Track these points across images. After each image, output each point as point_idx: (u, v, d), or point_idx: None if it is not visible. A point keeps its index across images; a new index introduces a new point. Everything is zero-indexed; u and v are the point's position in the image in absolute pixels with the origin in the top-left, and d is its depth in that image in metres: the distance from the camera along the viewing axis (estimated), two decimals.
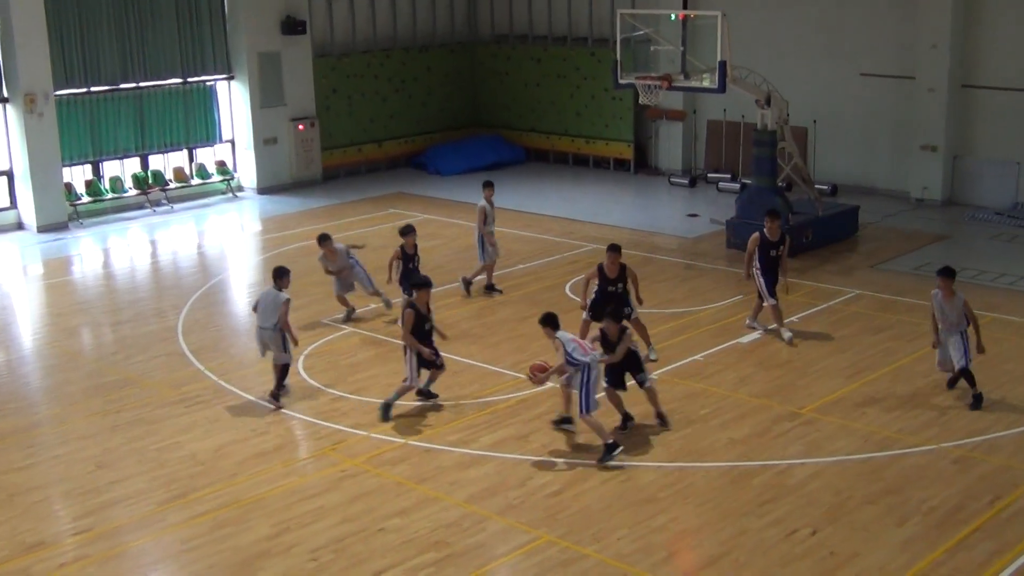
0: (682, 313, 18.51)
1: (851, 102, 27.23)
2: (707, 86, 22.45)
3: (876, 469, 12.76)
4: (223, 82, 29.39)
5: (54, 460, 13.56)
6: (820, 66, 27.59)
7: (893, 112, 26.62)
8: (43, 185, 25.63)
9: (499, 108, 34.02)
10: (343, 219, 26.17)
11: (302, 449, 13.84)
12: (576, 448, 13.36)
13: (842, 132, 27.45)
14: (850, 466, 12.85)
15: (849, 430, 13.78)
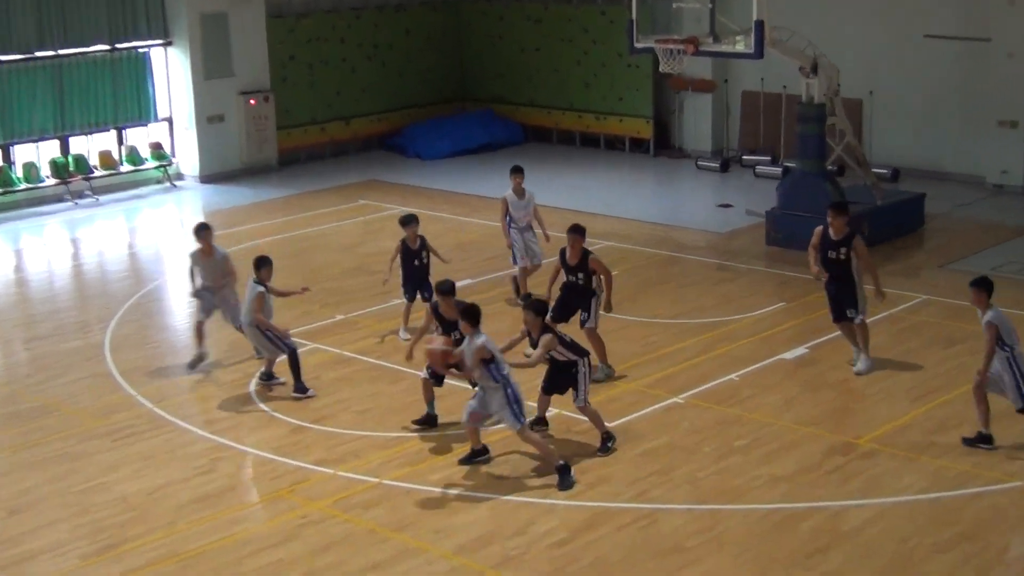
0: (714, 324, 18.49)
1: (914, 70, 27.23)
2: (741, 51, 22.42)
3: (948, 511, 12.71)
4: (159, 49, 29.36)
5: None
6: (877, 27, 27.59)
7: (965, 82, 26.63)
8: None
9: (491, 79, 34.01)
10: (304, 212, 26.15)
11: (255, 491, 13.76)
12: (589, 486, 13.32)
13: (904, 106, 27.45)
14: (917, 507, 12.80)
15: (916, 464, 13.74)
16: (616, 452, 14.08)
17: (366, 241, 23.79)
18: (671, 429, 14.73)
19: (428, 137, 31.94)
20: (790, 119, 27.13)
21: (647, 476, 13.56)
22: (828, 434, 14.57)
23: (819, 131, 22.39)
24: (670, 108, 31.12)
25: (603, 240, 23.15)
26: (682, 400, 15.60)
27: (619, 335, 18.01)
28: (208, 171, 29.61)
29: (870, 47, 27.54)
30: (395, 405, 15.75)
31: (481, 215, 25.23)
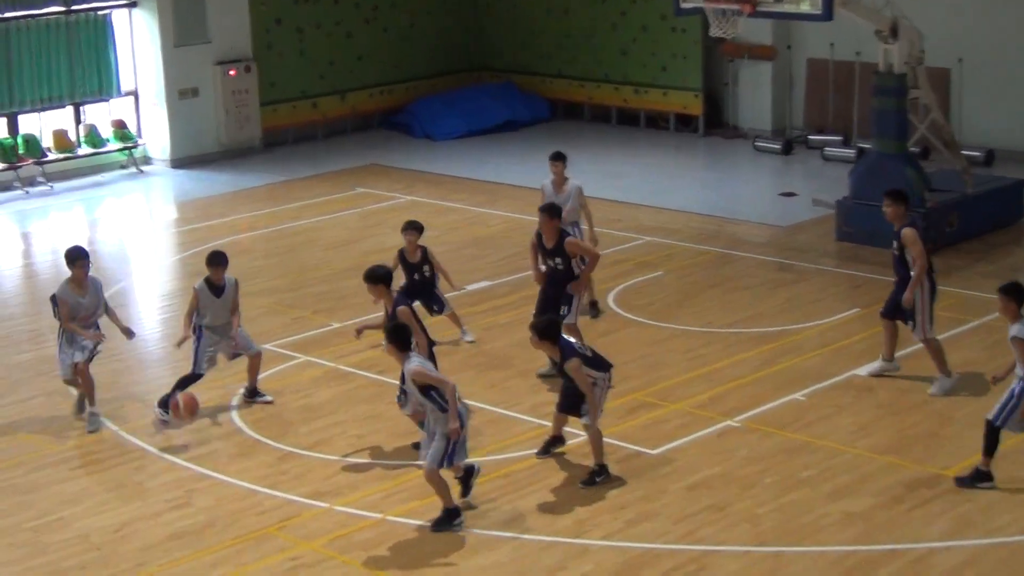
0: (775, 334, 18.49)
1: (1011, 34, 27.17)
2: (806, 11, 22.40)
3: None
4: (122, 11, 29.49)
5: None
6: None
7: None
8: None
9: (512, 45, 34.05)
10: (292, 203, 26.25)
11: (238, 527, 13.80)
12: (629, 523, 13.34)
13: (998, 77, 27.40)
14: (1017, 551, 12.78)
15: (1016, 499, 13.72)
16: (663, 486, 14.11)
17: (365, 237, 23.86)
18: (726, 458, 14.74)
19: (438, 114, 31.98)
20: (864, 92, 27.08)
21: (698, 512, 13.57)
22: (911, 464, 14.56)
23: (899, 106, 22.34)
24: (723, 79, 31.11)
25: (644, 235, 23.18)
26: (738, 424, 15.61)
27: (664, 347, 18.05)
28: (180, 154, 29.71)
29: (960, 6, 27.49)
30: (399, 428, 15.77)
31: (501, 205, 25.29)
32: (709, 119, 31.12)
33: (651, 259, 21.88)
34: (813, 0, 21.94)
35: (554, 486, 14.22)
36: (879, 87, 22.55)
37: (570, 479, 14.35)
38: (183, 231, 25.13)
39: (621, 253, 22.24)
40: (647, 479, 14.26)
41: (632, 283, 20.71)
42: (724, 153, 29.54)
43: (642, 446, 15.03)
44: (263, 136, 30.88)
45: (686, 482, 14.19)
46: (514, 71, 33.91)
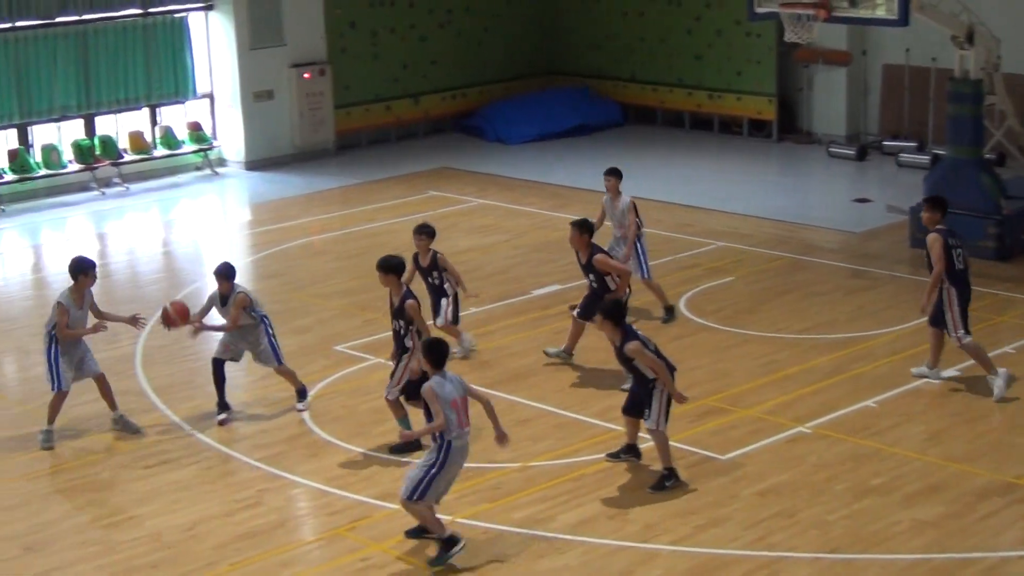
0: (847, 340, 18.40)
1: None
2: (882, 16, 22.29)
3: None
4: (199, 14, 29.73)
5: None
6: None
7: None
8: None
9: (586, 50, 34.05)
10: (364, 205, 26.35)
11: (308, 528, 13.90)
12: (699, 529, 13.32)
13: None
14: None
15: None
16: (733, 491, 14.08)
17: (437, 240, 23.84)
18: (796, 464, 14.69)
19: (511, 118, 32.02)
20: (940, 98, 26.89)
21: (767, 519, 13.53)
22: (983, 473, 14.45)
23: (975, 113, 22.19)
24: (797, 85, 30.98)
25: (716, 240, 23.12)
26: (809, 430, 15.55)
27: (734, 352, 18.00)
28: (255, 156, 29.92)
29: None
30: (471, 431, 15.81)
31: (572, 209, 25.23)
32: (783, 124, 31.00)
33: (722, 264, 21.82)
34: (889, 5, 21.84)
35: (623, 490, 14.21)
36: (955, 93, 22.40)
37: (639, 483, 14.34)
38: (257, 233, 25.29)
39: (692, 258, 22.19)
40: (717, 485, 14.23)
41: (703, 288, 20.65)
42: (797, 159, 29.41)
43: (712, 451, 14.99)
44: (336, 139, 31.04)
45: (756, 488, 14.15)
46: (587, 75, 33.91)
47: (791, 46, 27.54)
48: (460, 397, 12.75)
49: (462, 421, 12.74)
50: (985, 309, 18.82)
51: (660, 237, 23.36)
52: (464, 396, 12.81)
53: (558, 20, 34.48)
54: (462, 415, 12.75)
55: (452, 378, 12.84)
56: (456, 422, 12.69)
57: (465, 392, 12.83)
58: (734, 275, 21.29)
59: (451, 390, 12.71)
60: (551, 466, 14.81)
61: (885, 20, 22.23)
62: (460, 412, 12.73)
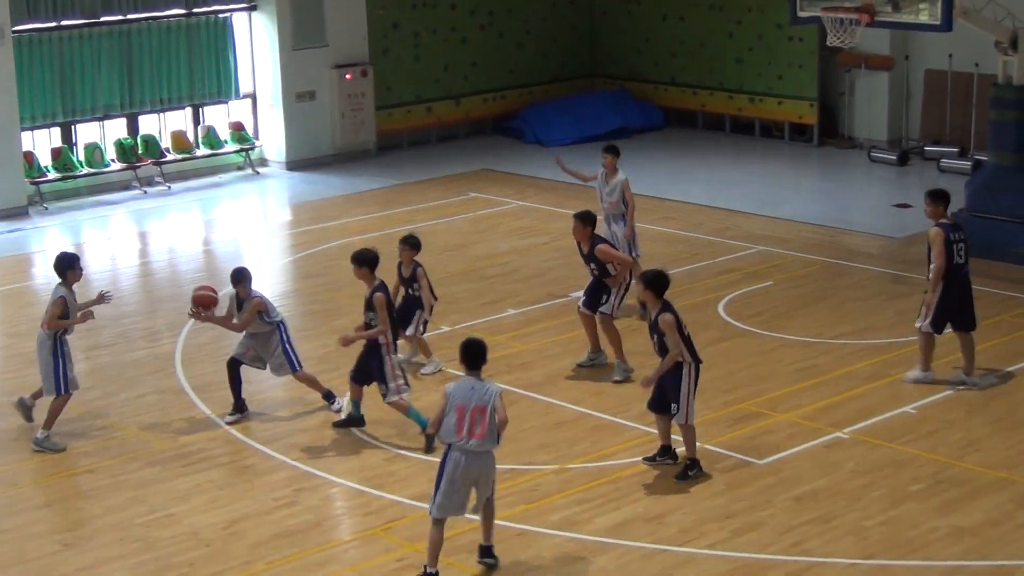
0: (887, 346, 18.34)
1: None
2: (925, 21, 22.22)
3: None
4: (242, 14, 29.84)
5: (3, 535, 13.79)
6: None
7: None
8: None
9: (626, 52, 34.02)
10: (405, 207, 26.39)
11: (344, 527, 13.94)
12: (735, 533, 13.30)
13: None
14: None
15: None
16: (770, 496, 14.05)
17: (476, 241, 23.95)
18: (833, 469, 14.66)
19: (551, 120, 32.01)
20: (982, 104, 26.75)
21: (803, 524, 13.50)
22: (1021, 480, 14.38)
23: (1017, 118, 22.09)
24: (839, 89, 30.88)
25: (756, 245, 23.07)
26: (847, 435, 15.51)
27: (772, 357, 17.96)
28: (296, 156, 30.00)
29: None
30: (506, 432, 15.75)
31: None
32: (824, 129, 30.90)
33: (761, 269, 21.77)
34: (932, 10, 21.78)
35: (659, 494, 14.20)
36: (997, 99, 22.32)
37: (676, 487, 14.33)
38: (296, 233, 25.37)
39: (731, 262, 22.14)
40: (754, 489, 14.21)
41: (742, 292, 20.61)
42: (838, 163, 29.32)
43: (749, 456, 14.97)
44: (377, 140, 31.09)
45: (793, 493, 14.12)
46: (628, 78, 33.89)
47: (833, 50, 27.48)
48: (473, 406, 12.27)
49: (461, 429, 12.27)
50: None
51: (700, 241, 23.35)
52: (481, 407, 12.27)
53: (599, 23, 34.47)
54: (464, 423, 12.28)
55: (477, 386, 12.42)
56: (453, 427, 12.30)
57: (484, 405, 12.30)
58: (773, 279, 21.24)
59: (463, 396, 12.32)
60: (588, 469, 14.81)
61: (928, 25, 22.17)
62: (463, 420, 12.28)
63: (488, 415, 12.27)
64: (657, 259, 21.62)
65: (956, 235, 16.68)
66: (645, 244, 21.87)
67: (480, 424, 12.26)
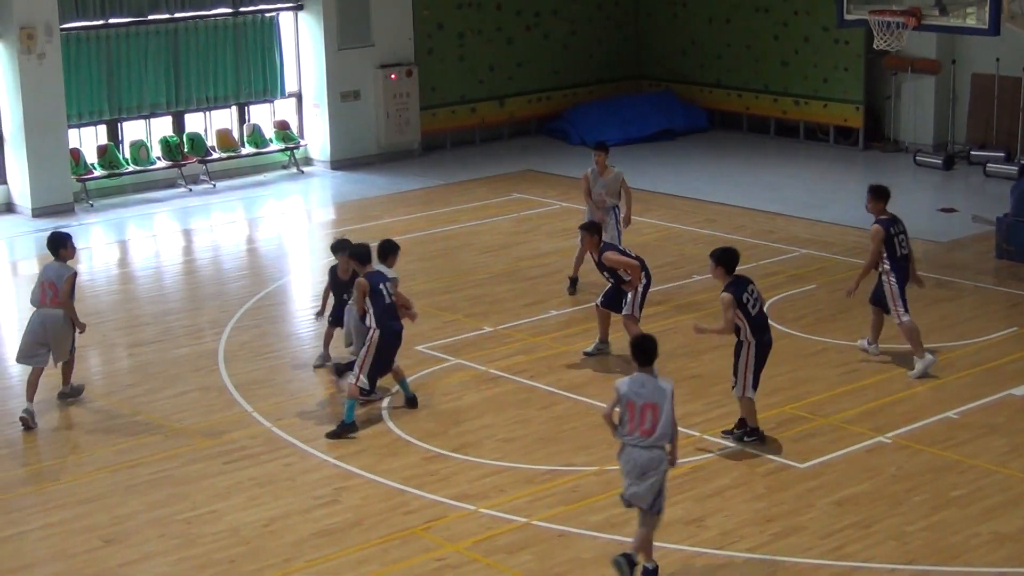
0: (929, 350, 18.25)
1: None
2: (973, 25, 22.12)
3: None
4: (288, 13, 29.94)
5: (45, 531, 13.91)
6: None
7: None
8: (41, 152, 26.40)
9: (671, 54, 33.98)
10: (449, 207, 26.42)
11: (384, 527, 13.94)
12: (775, 536, 13.26)
13: None
14: None
15: None
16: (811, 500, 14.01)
17: (519, 242, 23.96)
18: (875, 474, 14.60)
19: (596, 121, 31.97)
20: None
21: (844, 528, 13.47)
22: None
23: None
24: (885, 93, 30.76)
25: (800, 248, 23.01)
26: (888, 440, 15.46)
27: (815, 360, 17.91)
28: (340, 156, 30.08)
29: None
30: (547, 433, 15.86)
31: (655, 214, 25.22)
32: (869, 132, 30.78)
33: (804, 272, 21.70)
34: (980, 14, 21.69)
35: (700, 497, 14.18)
36: None
37: (716, 490, 14.31)
38: (340, 232, 25.39)
39: (775, 265, 22.08)
40: (795, 493, 14.17)
41: (785, 295, 20.56)
42: (884, 167, 29.19)
43: (791, 459, 14.93)
44: (422, 140, 31.14)
45: (834, 497, 14.08)
46: (673, 80, 33.84)
47: (879, 54, 27.37)
48: (643, 403, 12.18)
49: (632, 424, 12.20)
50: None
51: (743, 244, 23.24)
52: (652, 404, 12.15)
53: (644, 24, 34.43)
54: (635, 419, 12.19)
55: (648, 383, 12.30)
56: (627, 421, 12.23)
57: (656, 402, 12.16)
58: (816, 283, 21.18)
59: (634, 392, 12.21)
60: None
61: (975, 29, 22.09)
62: (633, 416, 12.19)
63: (660, 412, 12.18)
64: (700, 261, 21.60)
65: (895, 228, 17.49)
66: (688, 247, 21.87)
67: (651, 420, 12.17)
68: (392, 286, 16.29)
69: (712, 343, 17.82)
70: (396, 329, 16.14)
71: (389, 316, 15.99)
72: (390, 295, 16.06)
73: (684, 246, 22.69)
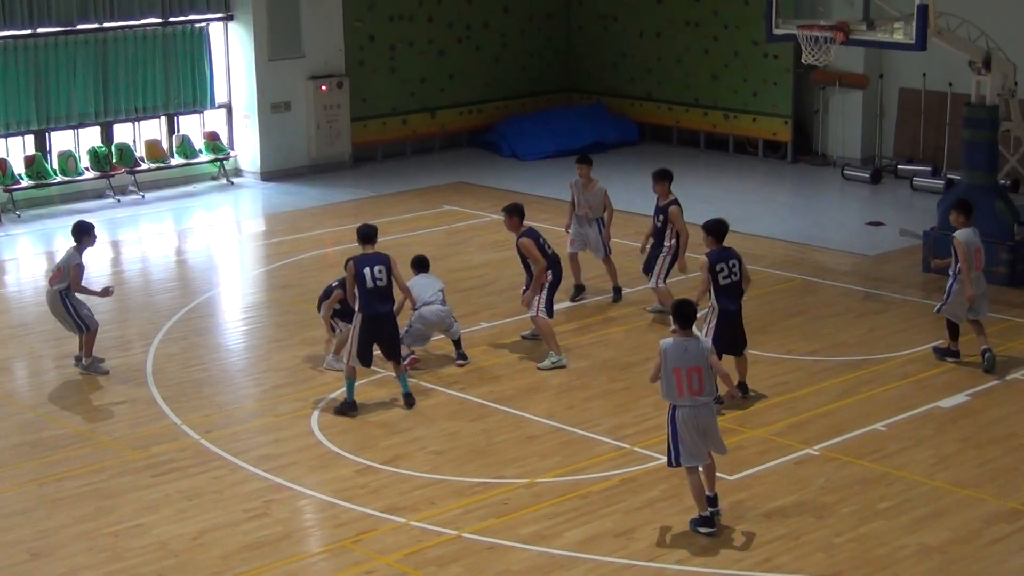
0: (858, 363, 18.38)
1: None
2: (900, 40, 22.29)
3: None
4: (218, 23, 29.80)
5: None
6: None
7: None
8: None
9: (602, 67, 34.09)
10: (380, 218, 26.28)
11: (314, 539, 13.90)
12: (703, 550, 13.29)
13: None
14: None
15: None
16: (739, 512, 14.06)
17: (451, 254, 23.93)
18: (803, 486, 14.67)
19: (527, 134, 32.05)
20: (956, 123, 26.86)
21: (773, 540, 13.51)
22: (991, 499, 14.41)
23: (990, 138, 22.15)
24: (813, 107, 30.97)
25: None
26: (817, 452, 15.53)
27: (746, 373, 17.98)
28: (270, 167, 29.97)
29: None
30: (478, 445, 15.85)
31: None
32: (798, 146, 30.99)
33: None
34: (907, 30, 21.85)
35: (630, 509, 14.20)
36: (970, 118, 22.38)
37: (646, 502, 14.33)
38: (270, 243, 25.32)
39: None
40: (724, 505, 14.15)
41: None
42: (812, 180, 29.40)
43: (719, 471, 14.91)
44: (353, 151, 31.08)
45: (763, 509, 14.13)
46: (604, 93, 33.95)
47: (808, 68, 27.55)
48: (689, 366, 13.29)
49: (682, 389, 13.31)
50: (998, 335, 18.79)
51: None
52: (696, 367, 13.30)
53: (576, 38, 34.54)
54: (683, 384, 13.30)
55: (690, 347, 13.41)
56: (675, 388, 13.35)
57: (699, 364, 13.32)
58: (745, 295, 21.22)
59: (678, 357, 13.32)
60: (558, 483, 14.81)
61: (902, 44, 22.23)
62: (681, 380, 13.30)
63: (705, 372, 13.37)
64: (629, 273, 21.67)
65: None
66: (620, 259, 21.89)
67: (698, 381, 13.34)
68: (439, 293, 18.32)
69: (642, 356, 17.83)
70: (380, 312, 16.60)
71: (375, 299, 16.52)
72: (375, 280, 16.53)
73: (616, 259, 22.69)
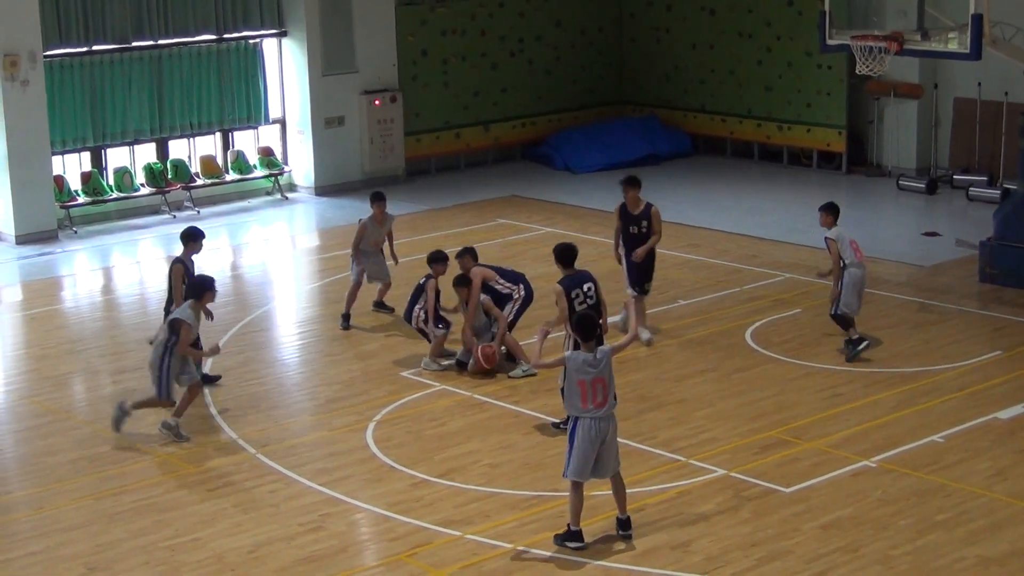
0: (913, 374, 18.28)
1: None
2: (955, 50, 22.18)
3: None
4: (272, 39, 29.96)
5: (29, 559, 13.84)
6: None
7: None
8: (25, 179, 26.38)
9: (655, 79, 34.06)
10: (433, 232, 26.41)
11: (369, 553, 13.93)
12: (760, 562, 13.25)
13: None
14: None
15: None
16: (796, 524, 14.00)
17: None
18: (860, 498, 14.59)
19: (580, 147, 32.05)
20: (1012, 132, 26.72)
21: (830, 553, 13.45)
22: None
23: None
24: (867, 117, 30.85)
25: (783, 272, 23.04)
26: (874, 464, 15.46)
27: (799, 384, 17.91)
28: (324, 182, 30.09)
29: None
30: (532, 459, 15.84)
31: None
32: (852, 157, 30.87)
33: (789, 296, 21.72)
34: (961, 39, 21.73)
35: (686, 521, 14.16)
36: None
37: (702, 515, 14.29)
38: (324, 258, 25.41)
39: (759, 290, 22.10)
40: (780, 518, 14.15)
41: (769, 320, 20.57)
42: (867, 191, 29.28)
43: (776, 484, 14.91)
44: (406, 165, 31.17)
45: (819, 521, 14.07)
46: (657, 105, 33.92)
47: (862, 78, 27.46)
48: (593, 379, 13.33)
49: (585, 401, 13.35)
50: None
51: (727, 268, 23.32)
52: (600, 378, 13.35)
53: (628, 50, 34.53)
54: (587, 394, 13.34)
55: (591, 359, 13.45)
56: (578, 400, 13.40)
57: (603, 376, 13.38)
58: (800, 307, 21.19)
59: (582, 368, 13.38)
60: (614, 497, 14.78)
61: (957, 54, 22.11)
62: (586, 393, 13.35)
63: (608, 383, 13.43)
64: (683, 286, 21.65)
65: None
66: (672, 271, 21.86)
67: (602, 393, 13.38)
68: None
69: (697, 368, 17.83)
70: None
71: None
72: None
73: (668, 271, 22.64)
